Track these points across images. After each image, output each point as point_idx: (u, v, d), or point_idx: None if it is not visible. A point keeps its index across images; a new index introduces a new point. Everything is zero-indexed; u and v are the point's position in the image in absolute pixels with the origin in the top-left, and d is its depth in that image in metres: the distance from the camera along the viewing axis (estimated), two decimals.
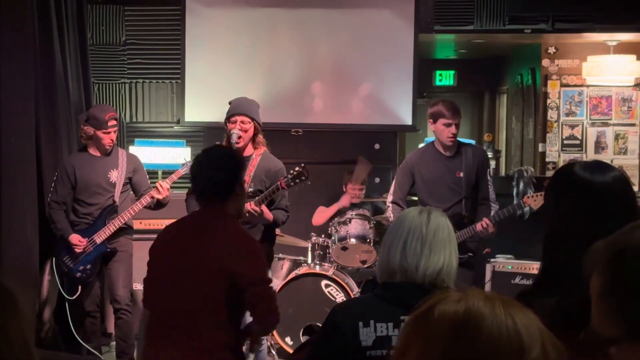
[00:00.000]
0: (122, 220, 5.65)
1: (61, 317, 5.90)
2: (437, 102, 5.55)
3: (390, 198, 5.72)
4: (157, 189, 5.56)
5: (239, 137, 4.83)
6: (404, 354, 1.31)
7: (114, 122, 5.66)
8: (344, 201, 6.75)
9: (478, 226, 5.27)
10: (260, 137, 5.02)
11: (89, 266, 5.66)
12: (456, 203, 5.42)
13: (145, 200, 5.62)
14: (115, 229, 5.65)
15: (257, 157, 4.96)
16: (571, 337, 1.50)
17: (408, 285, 2.45)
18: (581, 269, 1.52)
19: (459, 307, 1.28)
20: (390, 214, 5.73)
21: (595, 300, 1.51)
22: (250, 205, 4.71)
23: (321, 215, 6.86)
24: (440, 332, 1.26)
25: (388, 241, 2.53)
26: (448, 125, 5.37)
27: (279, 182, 4.71)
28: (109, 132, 5.63)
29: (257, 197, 4.77)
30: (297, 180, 4.68)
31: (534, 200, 5.49)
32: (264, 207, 4.76)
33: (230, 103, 5.06)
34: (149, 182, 5.94)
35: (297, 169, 4.70)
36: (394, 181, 5.80)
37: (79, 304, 5.76)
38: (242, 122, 4.85)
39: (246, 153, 4.97)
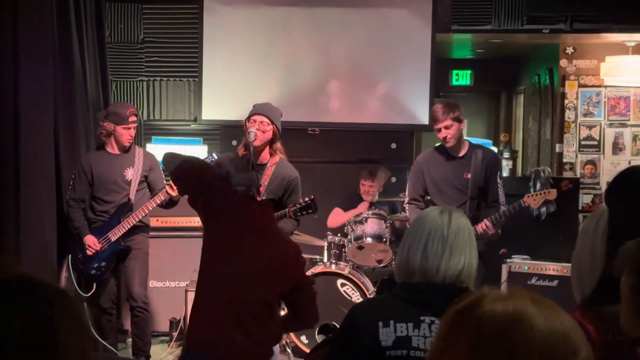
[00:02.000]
0: (136, 218, 5.67)
1: None
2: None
3: (406, 199, 5.75)
4: (170, 186, 5.57)
5: (256, 136, 4.83)
6: (444, 350, 1.30)
7: (135, 118, 5.70)
8: (362, 208, 6.76)
9: (478, 228, 5.27)
10: (278, 145, 5.01)
11: (103, 263, 5.68)
12: (462, 204, 5.43)
13: (159, 198, 5.63)
14: (129, 227, 5.67)
15: (273, 165, 4.95)
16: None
17: (428, 286, 2.44)
18: None
19: (507, 306, 1.27)
20: (408, 214, 5.76)
21: (624, 300, 1.51)
22: None
23: (337, 218, 6.88)
24: (490, 330, 1.25)
25: (408, 241, 2.52)
26: (438, 130, 5.44)
27: (287, 210, 4.71)
28: (129, 128, 5.66)
29: None
30: (304, 212, 4.70)
31: (534, 200, 5.49)
32: None
33: (254, 106, 5.07)
34: (164, 181, 5.96)
35: (307, 199, 4.68)
36: (408, 183, 5.83)
37: (95, 301, 5.79)
38: (261, 122, 4.86)
39: (262, 160, 4.97)
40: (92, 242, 5.63)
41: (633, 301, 1.48)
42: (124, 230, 5.67)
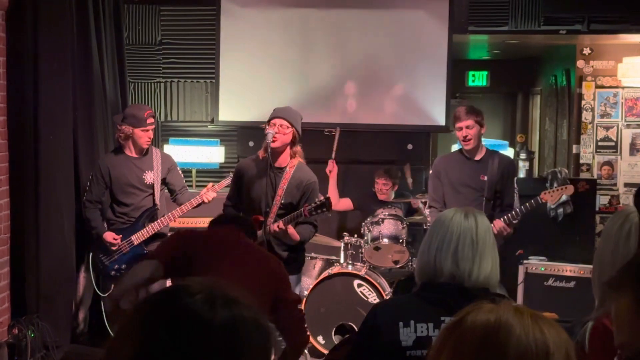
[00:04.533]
0: (162, 223, 5.69)
1: (97, 313, 5.98)
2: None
3: (427, 204, 5.85)
4: (202, 197, 5.60)
5: (274, 137, 4.86)
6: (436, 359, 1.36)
7: (152, 120, 5.70)
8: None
9: (494, 229, 5.22)
10: (298, 148, 5.04)
11: (123, 266, 5.69)
12: (478, 205, 5.45)
13: (186, 207, 5.65)
14: (153, 232, 5.69)
15: (291, 169, 4.98)
16: None
17: (451, 287, 2.44)
18: None
19: (490, 316, 1.32)
20: (429, 220, 5.82)
21: (622, 319, 1.54)
22: (277, 225, 4.75)
23: (340, 202, 6.98)
24: (471, 340, 1.31)
25: (435, 245, 2.50)
26: (459, 129, 5.50)
27: (302, 209, 4.76)
28: (148, 130, 5.66)
29: (284, 218, 4.80)
30: (319, 211, 4.76)
31: (551, 196, 5.49)
32: (290, 228, 4.79)
33: (274, 110, 5.09)
34: (184, 180, 5.98)
35: (321, 198, 4.76)
36: (429, 187, 5.87)
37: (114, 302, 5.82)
38: (280, 125, 4.89)
39: (281, 163, 4.98)
40: (111, 238, 5.66)
41: (630, 320, 1.52)
42: (148, 235, 5.69)
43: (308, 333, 3.92)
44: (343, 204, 7.05)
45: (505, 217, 5.36)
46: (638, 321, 1.52)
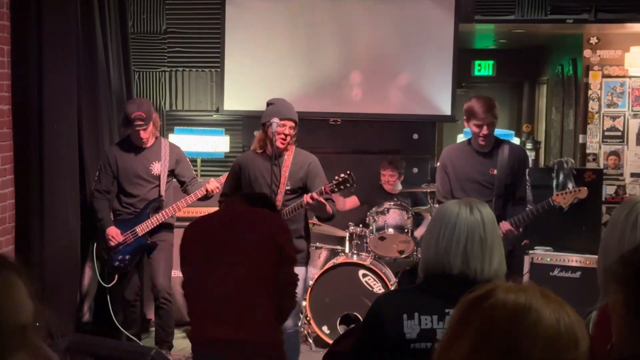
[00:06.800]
0: (166, 214, 5.67)
1: (102, 303, 5.98)
2: (472, 98, 5.21)
3: (436, 199, 5.60)
4: (206, 188, 5.57)
5: (282, 141, 4.86)
6: (455, 337, 1.33)
7: (140, 123, 5.56)
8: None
9: (501, 232, 4.87)
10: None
11: (127, 257, 5.69)
12: (488, 201, 5.23)
13: (190, 199, 5.62)
14: (158, 223, 5.67)
15: (290, 155, 4.96)
16: None
17: (460, 281, 2.40)
18: None
19: (519, 297, 1.31)
20: None
21: (617, 317, 1.53)
22: (310, 197, 4.69)
23: (346, 203, 6.95)
24: (500, 320, 1.29)
25: (442, 244, 2.45)
26: (479, 126, 5.07)
27: (323, 187, 4.71)
28: (137, 131, 5.63)
29: (314, 192, 4.76)
30: (342, 187, 4.69)
31: (563, 198, 5.31)
32: (321, 199, 4.73)
33: (270, 103, 5.01)
34: (193, 171, 5.95)
35: (342, 175, 4.69)
36: (437, 181, 5.49)
37: (119, 293, 5.82)
38: (290, 127, 4.88)
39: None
40: (114, 233, 5.65)
41: (626, 320, 1.51)
42: (152, 226, 5.67)
43: (297, 299, 3.93)
44: (350, 203, 7.04)
45: (513, 220, 5.07)
46: (626, 324, 1.52)
